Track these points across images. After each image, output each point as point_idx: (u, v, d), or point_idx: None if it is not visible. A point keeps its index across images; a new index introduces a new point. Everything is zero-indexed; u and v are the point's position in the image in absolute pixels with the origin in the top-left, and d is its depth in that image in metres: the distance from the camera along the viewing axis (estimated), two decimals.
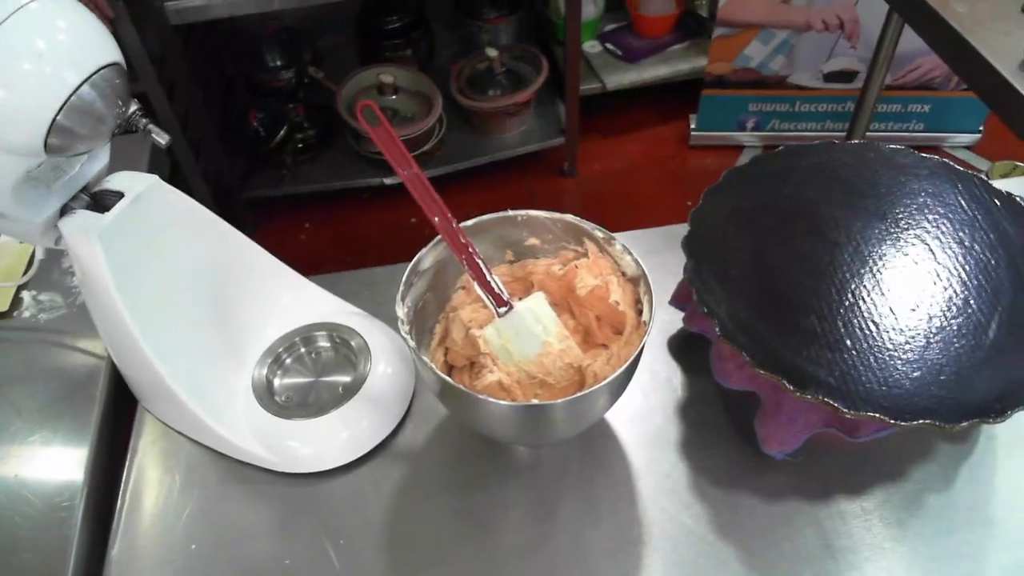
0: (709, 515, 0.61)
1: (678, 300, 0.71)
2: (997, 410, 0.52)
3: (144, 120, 0.54)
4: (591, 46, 2.23)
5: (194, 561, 0.60)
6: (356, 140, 1.96)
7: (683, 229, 0.64)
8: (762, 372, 0.55)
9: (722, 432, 0.66)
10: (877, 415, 0.52)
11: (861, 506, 0.61)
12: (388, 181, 1.95)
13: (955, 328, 0.57)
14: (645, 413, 0.68)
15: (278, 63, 2.01)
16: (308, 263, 0.74)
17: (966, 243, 0.63)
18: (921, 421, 0.52)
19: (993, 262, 0.62)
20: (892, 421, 0.52)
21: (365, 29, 2.09)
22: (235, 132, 1.95)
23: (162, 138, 0.55)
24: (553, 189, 2.11)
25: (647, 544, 0.60)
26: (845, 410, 0.53)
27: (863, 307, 0.59)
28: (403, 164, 0.60)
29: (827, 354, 0.56)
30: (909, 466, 0.63)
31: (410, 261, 0.61)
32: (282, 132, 1.91)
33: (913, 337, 0.57)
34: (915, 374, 0.55)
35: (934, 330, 0.57)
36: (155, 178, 0.61)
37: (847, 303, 0.59)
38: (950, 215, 0.66)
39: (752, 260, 0.63)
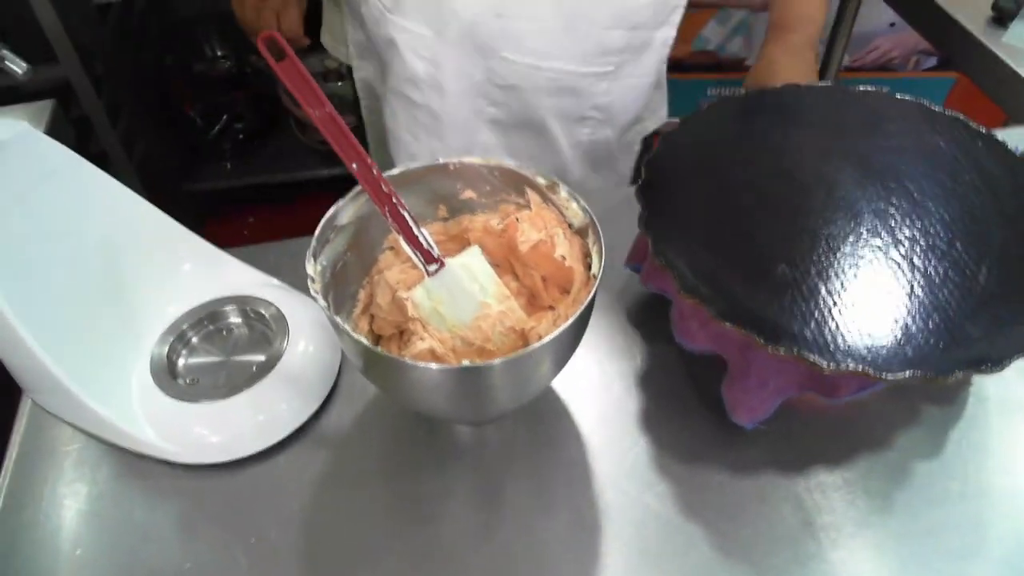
0: (674, 495, 0.54)
1: (634, 260, 0.64)
2: (993, 359, 0.46)
3: None
4: None
5: (78, 568, 0.51)
6: (302, 130, 1.87)
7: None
8: (728, 326, 0.48)
9: (687, 403, 0.59)
10: (860, 368, 0.46)
11: (843, 477, 0.55)
12: (338, 172, 1.86)
13: (941, 273, 0.51)
14: (601, 385, 0.61)
15: (218, 52, 1.92)
16: None
17: (947, 184, 0.57)
18: (909, 372, 0.45)
19: (978, 203, 0.56)
20: (877, 375, 0.46)
21: (310, 15, 2.00)
22: (172, 124, 1.84)
23: (18, 67, 0.46)
24: None
25: (606, 530, 0.53)
26: (824, 364, 0.46)
27: (838, 253, 0.53)
28: (314, 103, 0.52)
29: (801, 304, 0.50)
30: (894, 432, 0.57)
31: None
32: (221, 122, 1.81)
33: (896, 284, 0.51)
34: (900, 323, 0.48)
35: (918, 276, 0.51)
36: (24, 124, 0.53)
37: (821, 249, 0.53)
38: (929, 156, 0.60)
39: (714, 207, 0.57)
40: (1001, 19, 1.11)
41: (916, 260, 0.52)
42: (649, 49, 0.87)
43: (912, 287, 0.50)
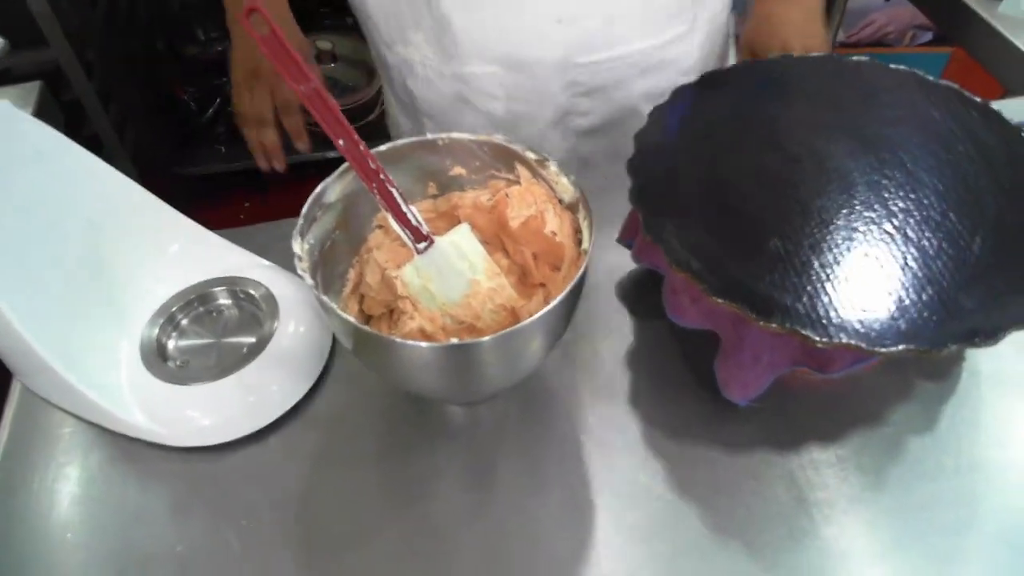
0: (666, 472, 0.54)
1: (626, 236, 0.64)
2: (987, 331, 0.46)
3: None
4: None
5: (69, 552, 0.51)
6: None
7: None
8: (720, 301, 0.48)
9: (679, 380, 0.59)
10: (853, 343, 0.45)
11: (836, 454, 0.54)
12: (332, 155, 1.85)
13: (935, 244, 0.51)
14: (593, 363, 0.60)
15: (211, 35, 1.90)
16: None
17: (941, 155, 0.57)
18: (903, 346, 0.45)
19: (972, 174, 0.55)
20: (871, 348, 0.45)
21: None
22: (165, 109, 1.83)
23: None
24: None
25: (598, 507, 0.53)
26: (817, 339, 0.46)
27: (831, 226, 0.52)
28: (299, 78, 0.51)
29: (793, 278, 0.49)
30: (886, 408, 0.57)
31: None
32: (214, 105, 1.80)
33: (889, 256, 0.50)
34: (894, 296, 0.48)
35: (912, 248, 0.51)
36: (6, 104, 0.52)
37: (813, 222, 0.52)
38: (923, 127, 0.59)
39: (705, 180, 0.56)
40: None
41: (910, 232, 0.51)
42: None
43: (906, 259, 0.50)
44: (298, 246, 0.49)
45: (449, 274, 0.52)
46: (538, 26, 0.74)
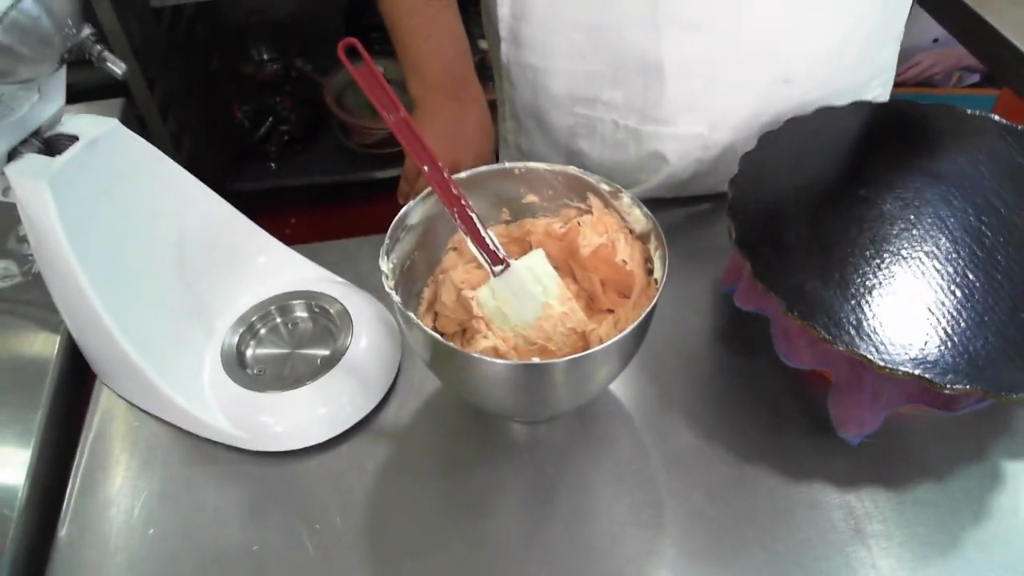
0: (726, 497, 0.55)
1: (729, 281, 0.65)
2: None
3: (98, 47, 0.48)
4: None
5: (151, 546, 0.54)
6: (344, 133, 1.91)
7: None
8: (843, 350, 0.49)
9: (738, 408, 0.60)
10: (979, 388, 0.46)
11: (893, 487, 0.55)
12: (379, 175, 1.89)
13: None
14: (653, 387, 0.62)
15: (264, 56, 1.96)
16: None
17: None
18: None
19: None
20: (1000, 394, 0.46)
21: (354, 21, 2.04)
22: (219, 125, 1.89)
23: (118, 67, 0.49)
24: None
25: (657, 529, 0.54)
26: (943, 386, 0.47)
27: (939, 273, 0.53)
28: (389, 107, 0.54)
29: (911, 325, 0.50)
30: (942, 443, 0.58)
31: None
32: (267, 124, 1.86)
33: (999, 300, 0.52)
34: (1012, 339, 0.49)
35: (1019, 291, 0.52)
36: (114, 121, 0.56)
37: (921, 269, 0.54)
38: (1007, 169, 0.60)
39: (804, 226, 0.57)
40: None
41: (1016, 277, 0.53)
42: None
43: (1016, 303, 0.51)
44: (384, 264, 0.52)
45: (523, 297, 0.55)
46: (764, 88, 0.70)
